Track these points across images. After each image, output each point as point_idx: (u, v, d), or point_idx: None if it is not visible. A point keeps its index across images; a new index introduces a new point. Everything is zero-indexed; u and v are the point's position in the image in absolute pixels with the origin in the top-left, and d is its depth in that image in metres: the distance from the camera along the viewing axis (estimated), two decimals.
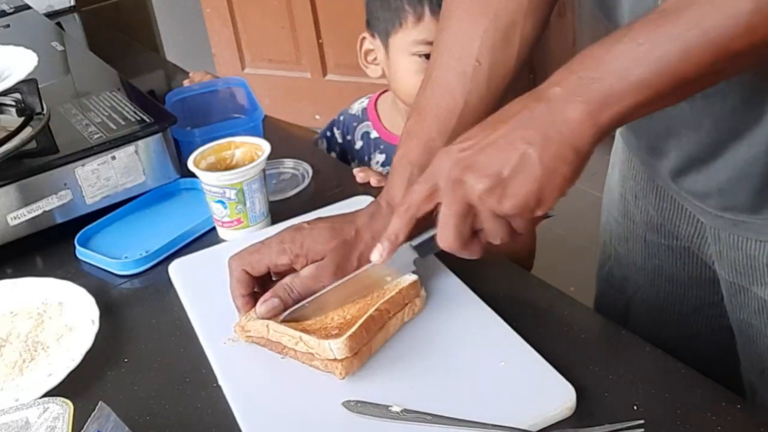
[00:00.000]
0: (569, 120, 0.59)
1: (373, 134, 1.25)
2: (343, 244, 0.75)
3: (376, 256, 0.72)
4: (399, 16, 1.13)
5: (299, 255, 0.75)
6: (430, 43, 1.05)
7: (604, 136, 0.60)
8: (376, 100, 1.28)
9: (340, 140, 1.29)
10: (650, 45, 0.57)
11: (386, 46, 1.17)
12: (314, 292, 0.75)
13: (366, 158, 1.25)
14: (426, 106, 0.80)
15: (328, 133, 1.31)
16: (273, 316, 0.74)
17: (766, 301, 0.79)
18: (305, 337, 0.70)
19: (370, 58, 1.23)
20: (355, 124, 1.28)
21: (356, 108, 1.29)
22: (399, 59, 1.15)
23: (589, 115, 0.59)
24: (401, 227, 0.71)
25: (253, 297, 0.76)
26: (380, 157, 1.23)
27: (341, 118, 1.30)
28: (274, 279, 0.78)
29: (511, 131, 0.62)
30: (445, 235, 0.66)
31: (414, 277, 0.76)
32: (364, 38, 1.22)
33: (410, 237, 0.72)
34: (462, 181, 0.64)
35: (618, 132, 0.96)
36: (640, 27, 0.58)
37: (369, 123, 1.26)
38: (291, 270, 0.77)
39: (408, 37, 1.13)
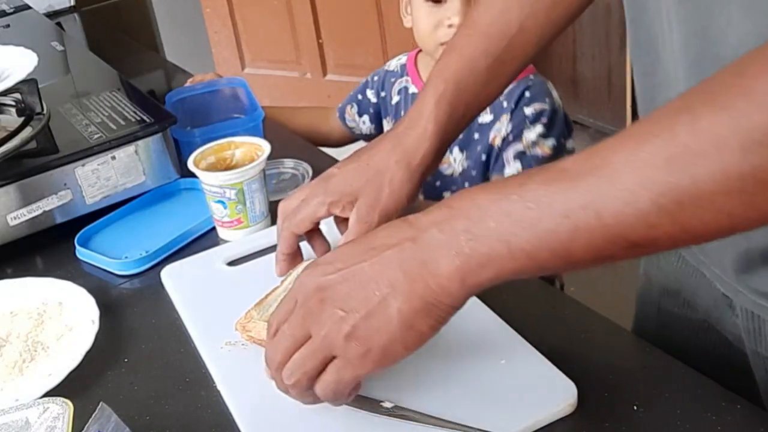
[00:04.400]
0: (440, 274, 0.53)
1: (412, 89, 1.27)
2: (373, 177, 0.74)
3: None
4: None
5: (333, 201, 0.75)
6: None
7: (470, 296, 0.54)
8: (415, 57, 1.30)
9: (374, 99, 1.34)
10: (538, 213, 0.49)
11: None
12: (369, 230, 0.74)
13: (402, 113, 1.27)
14: (477, 21, 0.77)
15: (359, 96, 1.35)
16: None
17: None
18: None
19: (408, 9, 1.24)
20: (393, 79, 1.31)
21: (394, 65, 1.33)
22: (415, 5, 1.19)
23: (459, 273, 0.52)
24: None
25: (291, 257, 0.79)
26: None
27: (375, 77, 1.35)
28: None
29: (379, 267, 0.55)
30: (273, 352, 0.59)
31: None
32: None
33: None
34: (314, 312, 0.57)
35: None
36: (535, 186, 0.50)
37: (408, 78, 1.29)
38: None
39: None
